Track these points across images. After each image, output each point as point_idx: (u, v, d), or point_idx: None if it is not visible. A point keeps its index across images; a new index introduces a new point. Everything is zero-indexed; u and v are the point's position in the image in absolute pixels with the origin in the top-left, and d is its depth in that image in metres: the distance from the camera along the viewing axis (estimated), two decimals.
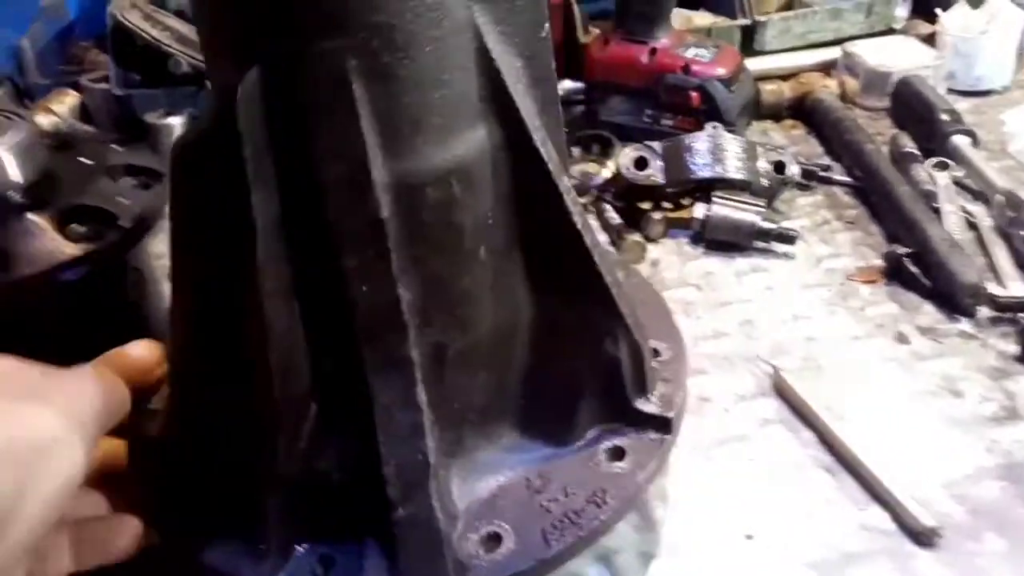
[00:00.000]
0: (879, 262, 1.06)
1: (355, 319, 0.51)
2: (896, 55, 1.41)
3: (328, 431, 0.55)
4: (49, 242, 0.68)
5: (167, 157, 0.79)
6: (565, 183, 0.56)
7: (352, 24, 0.46)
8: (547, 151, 0.54)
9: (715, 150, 1.11)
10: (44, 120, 1.33)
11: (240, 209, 0.49)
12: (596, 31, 1.42)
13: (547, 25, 0.55)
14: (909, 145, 1.22)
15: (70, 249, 0.68)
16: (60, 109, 1.36)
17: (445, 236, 0.53)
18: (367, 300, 0.51)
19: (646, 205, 1.15)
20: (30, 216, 0.69)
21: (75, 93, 1.38)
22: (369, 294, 0.50)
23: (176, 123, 1.29)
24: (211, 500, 0.57)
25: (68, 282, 0.67)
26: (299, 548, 0.56)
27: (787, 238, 1.07)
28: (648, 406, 0.63)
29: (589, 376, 0.61)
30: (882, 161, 1.16)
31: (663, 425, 0.63)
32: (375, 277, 0.50)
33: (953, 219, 1.08)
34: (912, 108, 1.31)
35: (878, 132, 1.34)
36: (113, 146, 0.82)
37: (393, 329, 0.51)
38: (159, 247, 0.80)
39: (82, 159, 0.77)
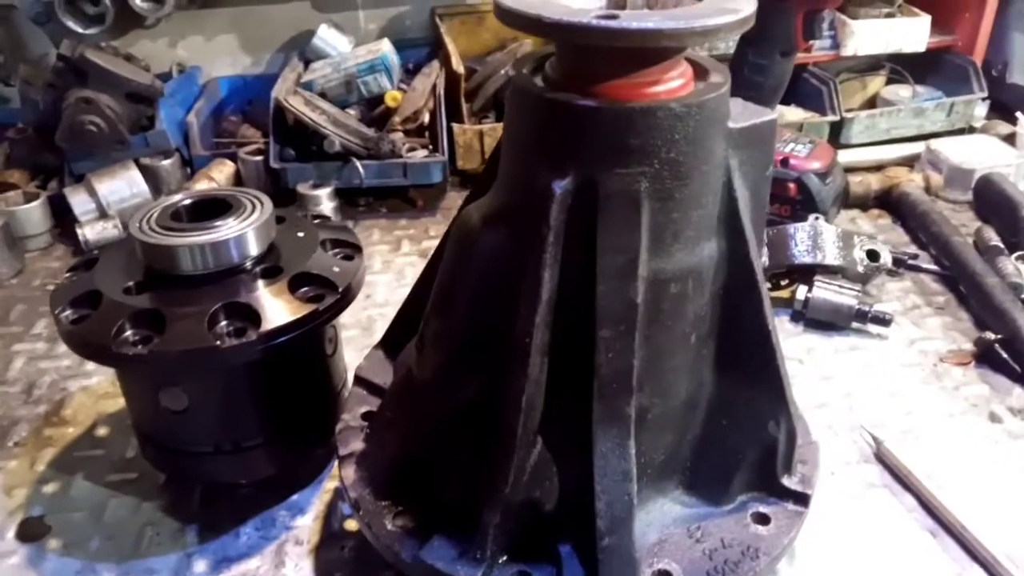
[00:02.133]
0: (969, 346, 1.16)
1: (596, 378, 0.64)
2: (978, 153, 1.52)
3: (547, 466, 0.68)
4: (286, 303, 0.82)
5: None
6: (765, 290, 0.70)
7: (652, 157, 0.62)
8: (757, 264, 0.69)
9: (815, 238, 1.23)
10: (206, 186, 1.52)
11: (531, 280, 0.63)
12: None
13: (771, 167, 0.71)
14: (994, 239, 1.32)
15: (301, 309, 0.82)
16: (219, 177, 1.55)
17: (673, 321, 0.67)
18: (609, 365, 0.64)
19: None
20: (267, 283, 0.84)
21: (231, 163, 1.58)
22: (612, 360, 0.64)
23: (323, 193, 1.47)
24: (436, 506, 0.70)
25: (298, 336, 0.82)
26: (501, 559, 0.68)
27: (883, 321, 1.18)
28: (792, 483, 0.76)
29: (749, 450, 0.74)
30: (969, 253, 1.27)
31: (802, 500, 0.75)
32: (620, 347, 0.64)
33: None
34: (995, 203, 1.41)
35: (962, 224, 1.44)
36: (316, 221, 0.98)
37: (623, 390, 0.65)
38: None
39: (298, 233, 0.93)
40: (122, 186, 1.44)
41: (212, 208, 0.88)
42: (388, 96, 1.63)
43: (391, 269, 1.40)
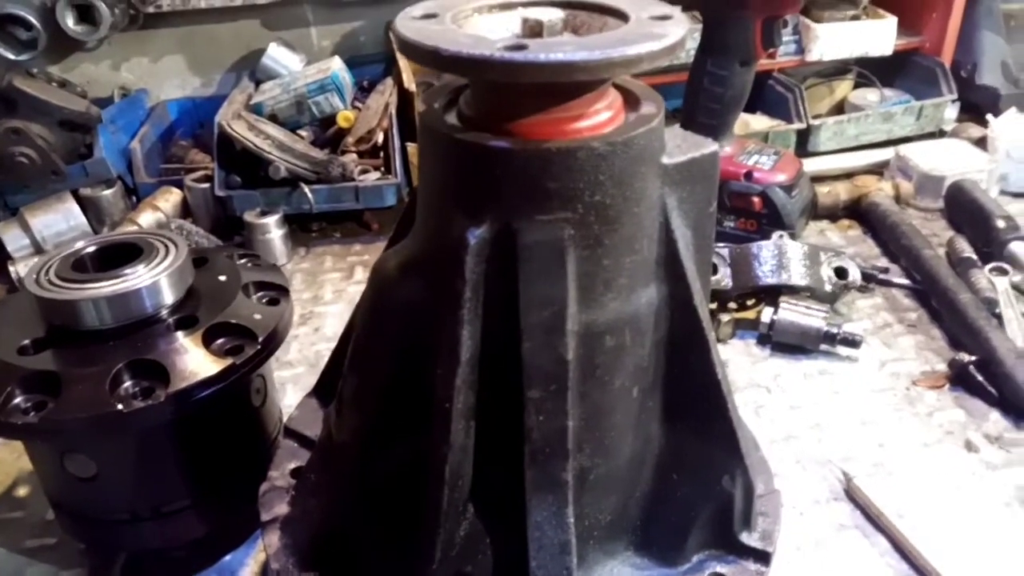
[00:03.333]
0: (943, 367, 1.11)
1: (527, 442, 0.58)
2: (949, 158, 1.48)
3: (479, 538, 0.62)
4: (199, 358, 0.76)
5: (262, 251, 0.90)
6: (712, 337, 0.64)
7: (576, 202, 0.56)
8: (702, 308, 0.62)
9: (780, 257, 1.18)
10: (151, 216, 1.45)
11: (449, 339, 0.57)
12: None
13: (715, 203, 0.65)
14: (967, 250, 1.27)
15: (216, 364, 0.76)
16: (165, 206, 1.48)
17: (611, 377, 0.61)
18: (541, 428, 0.58)
19: (713, 306, 1.21)
20: (181, 336, 0.77)
21: (178, 191, 1.51)
22: (544, 423, 0.58)
23: (271, 221, 1.40)
24: None
25: (215, 392, 0.75)
26: None
27: (853, 343, 1.12)
28: (751, 540, 0.70)
29: (703, 506, 0.68)
30: (941, 267, 1.21)
31: (763, 558, 0.69)
32: (551, 409, 0.58)
33: (1015, 326, 1.12)
34: (967, 212, 1.36)
35: (933, 233, 1.39)
36: (241, 261, 0.91)
37: (558, 455, 0.59)
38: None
39: (219, 276, 0.86)
40: (58, 219, 1.37)
41: (121, 254, 0.82)
42: (340, 116, 1.56)
43: (343, 299, 1.33)
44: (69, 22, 1.50)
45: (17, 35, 1.50)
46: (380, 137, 1.55)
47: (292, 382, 1.13)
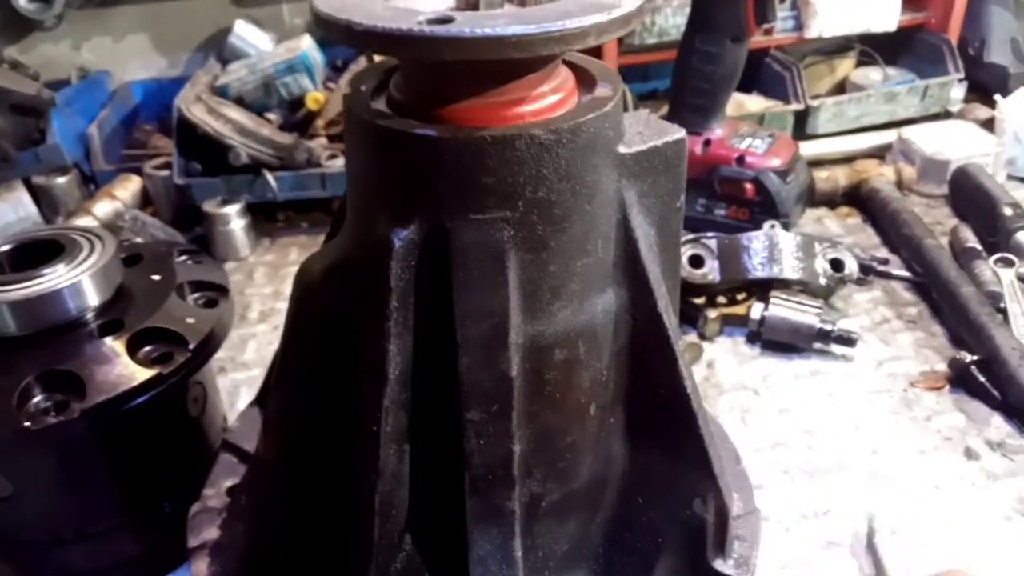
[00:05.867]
0: (943, 367, 1.03)
1: (466, 469, 0.51)
2: (954, 142, 1.39)
3: (417, 573, 0.55)
4: (122, 368, 0.69)
5: (223, 243, 0.82)
6: (680, 347, 0.56)
7: (516, 198, 0.48)
8: (668, 316, 0.55)
9: (772, 249, 1.10)
10: (109, 206, 1.37)
11: (374, 355, 0.50)
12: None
13: (683, 196, 0.57)
14: (971, 240, 1.19)
15: (141, 374, 0.69)
16: (123, 195, 1.40)
17: (564, 393, 0.54)
18: (482, 453, 0.51)
19: (700, 301, 1.13)
20: (106, 342, 0.70)
21: (138, 179, 1.43)
22: (486, 447, 0.51)
23: (232, 211, 1.33)
24: None
25: (141, 405, 0.68)
26: None
27: (848, 341, 1.05)
28: (726, 568, 0.63)
29: (671, 532, 0.61)
30: (944, 258, 1.14)
31: None
32: (494, 432, 0.51)
33: (1021, 322, 1.04)
34: (973, 199, 1.28)
35: (936, 221, 1.31)
36: (181, 258, 0.84)
37: (502, 482, 0.52)
38: (221, 353, 0.81)
39: (152, 276, 0.79)
40: (6, 209, 1.29)
41: (40, 252, 0.74)
42: (309, 98, 1.48)
43: None
44: (20, 0, 1.42)
45: None
46: None
47: (247, 384, 1.06)
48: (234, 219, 1.32)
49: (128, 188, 1.41)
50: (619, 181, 0.53)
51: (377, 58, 1.45)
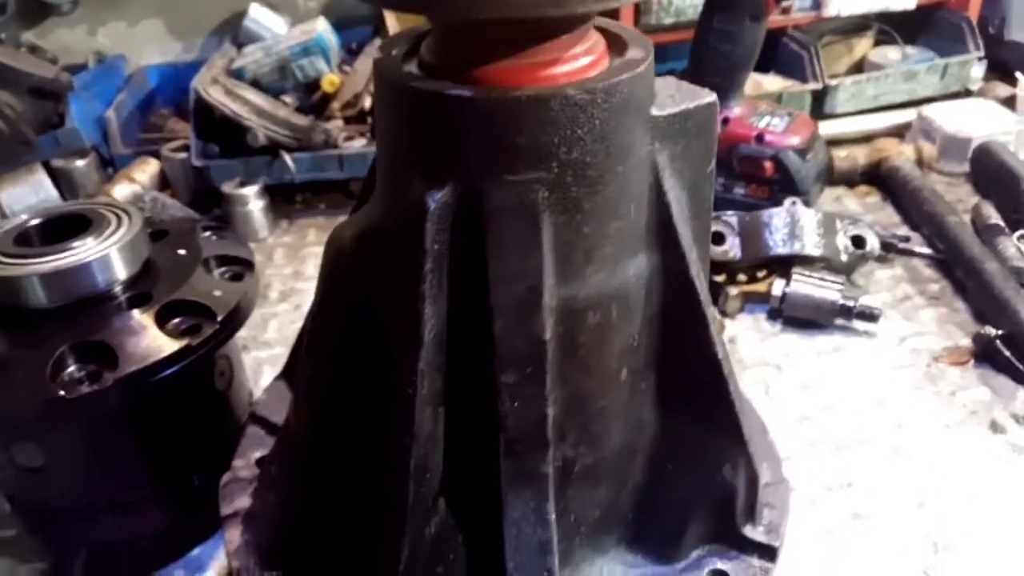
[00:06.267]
0: (967, 342, 1.03)
1: (500, 431, 0.52)
2: (975, 119, 1.38)
3: (452, 536, 0.55)
4: (152, 339, 0.70)
5: (241, 224, 0.82)
6: (712, 312, 0.56)
7: (550, 159, 0.48)
8: (699, 280, 0.55)
9: (793, 226, 1.09)
10: (127, 188, 1.38)
11: (409, 318, 0.50)
12: None
13: (713, 161, 0.57)
14: (994, 216, 1.18)
15: (170, 345, 0.70)
16: (142, 178, 1.41)
17: (595, 357, 0.54)
18: (516, 415, 0.51)
19: (720, 278, 1.13)
20: (134, 314, 0.71)
21: (156, 162, 1.43)
22: (519, 410, 0.51)
23: (250, 192, 1.33)
24: None
25: (171, 376, 0.69)
26: None
27: (870, 316, 1.04)
28: (756, 534, 0.63)
29: (702, 498, 0.61)
30: (966, 235, 1.13)
31: (768, 553, 0.62)
32: (528, 394, 0.51)
33: None
34: (995, 176, 1.27)
35: (958, 199, 1.30)
36: (205, 234, 0.85)
37: (536, 445, 0.52)
38: (243, 331, 0.82)
39: (179, 250, 0.79)
40: (27, 192, 1.30)
41: (69, 226, 0.75)
42: (325, 80, 1.48)
43: None
44: None
45: None
46: (367, 102, 1.47)
47: (270, 363, 1.07)
48: (252, 200, 1.32)
49: (146, 171, 1.42)
50: (652, 144, 0.53)
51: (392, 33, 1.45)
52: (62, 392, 0.65)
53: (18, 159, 1.33)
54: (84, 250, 0.72)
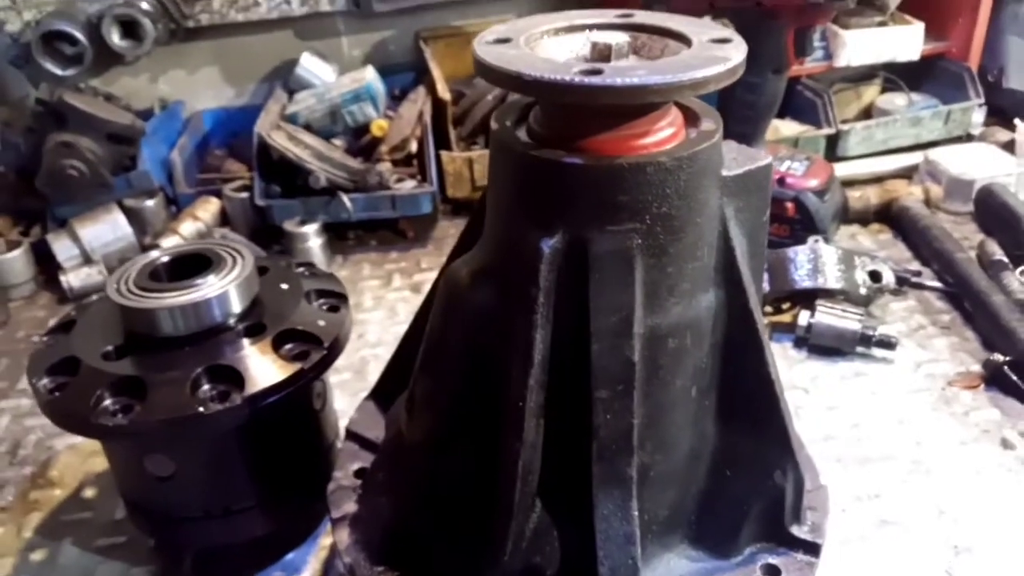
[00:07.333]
0: (978, 368, 1.13)
1: (594, 439, 0.61)
2: (977, 162, 1.49)
3: (547, 531, 0.65)
4: (270, 364, 0.79)
5: (302, 260, 1.03)
6: (767, 339, 0.67)
7: (644, 213, 0.59)
8: (757, 312, 0.65)
9: (815, 261, 1.20)
10: (192, 226, 1.49)
11: (523, 342, 0.61)
12: None
13: (768, 212, 0.68)
14: (998, 253, 1.29)
15: (286, 369, 0.79)
16: (205, 216, 1.52)
17: (672, 377, 0.64)
18: (608, 426, 0.61)
19: None
20: (253, 342, 0.81)
21: (216, 200, 1.54)
22: (611, 421, 0.61)
23: (311, 230, 1.44)
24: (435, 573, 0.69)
25: (281, 397, 0.79)
26: None
27: (888, 344, 1.15)
28: (802, 532, 0.72)
29: (755, 501, 0.71)
30: (973, 270, 1.24)
31: (813, 549, 0.72)
32: (618, 408, 0.61)
33: None
34: (998, 215, 1.38)
35: (964, 237, 1.41)
36: (299, 270, 0.95)
37: (623, 452, 0.62)
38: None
39: (281, 285, 0.90)
40: (106, 230, 1.41)
41: (191, 264, 0.85)
42: (374, 125, 1.60)
43: (382, 305, 1.37)
44: (114, 38, 1.55)
45: (63, 51, 1.54)
46: (414, 146, 1.58)
47: (339, 388, 1.17)
48: (312, 237, 1.43)
49: (208, 209, 1.53)
50: (721, 199, 0.64)
51: (440, 88, 1.57)
52: (200, 408, 0.75)
53: (95, 199, 1.44)
54: (208, 286, 0.82)
